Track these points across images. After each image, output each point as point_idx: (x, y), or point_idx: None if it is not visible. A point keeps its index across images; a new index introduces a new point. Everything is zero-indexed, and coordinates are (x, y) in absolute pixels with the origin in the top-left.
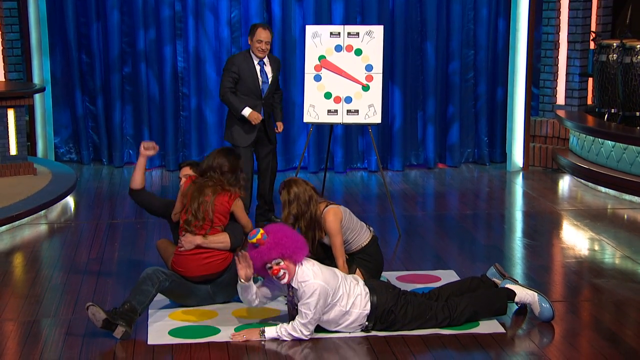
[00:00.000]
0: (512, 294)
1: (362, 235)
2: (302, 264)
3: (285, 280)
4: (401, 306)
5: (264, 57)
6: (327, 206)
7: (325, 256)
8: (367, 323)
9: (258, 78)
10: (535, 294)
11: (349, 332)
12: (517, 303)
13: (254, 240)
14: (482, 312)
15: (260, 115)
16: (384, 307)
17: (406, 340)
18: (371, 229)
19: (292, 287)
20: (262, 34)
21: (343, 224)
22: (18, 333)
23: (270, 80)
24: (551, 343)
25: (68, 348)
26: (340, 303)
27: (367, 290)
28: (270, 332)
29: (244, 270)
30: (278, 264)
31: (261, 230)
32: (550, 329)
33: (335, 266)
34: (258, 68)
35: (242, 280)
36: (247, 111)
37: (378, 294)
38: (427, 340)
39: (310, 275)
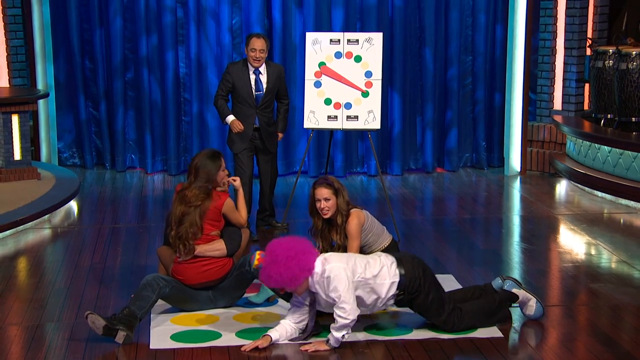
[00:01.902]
0: (515, 297)
1: (383, 237)
2: (311, 274)
3: (299, 293)
4: (426, 277)
5: (260, 65)
6: (351, 208)
7: None
8: (397, 291)
9: (252, 87)
10: (534, 299)
11: (385, 308)
12: (518, 304)
13: (254, 265)
14: (483, 324)
15: (241, 126)
16: (412, 274)
17: (405, 345)
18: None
19: (313, 292)
20: (256, 43)
21: (365, 226)
22: (22, 337)
23: (265, 89)
24: (548, 347)
25: (71, 353)
26: (365, 275)
27: (392, 259)
28: (331, 338)
29: None
30: (282, 288)
31: (257, 255)
32: (547, 333)
33: None
34: (253, 77)
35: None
36: (229, 119)
37: (404, 263)
38: (426, 345)
39: (325, 268)
